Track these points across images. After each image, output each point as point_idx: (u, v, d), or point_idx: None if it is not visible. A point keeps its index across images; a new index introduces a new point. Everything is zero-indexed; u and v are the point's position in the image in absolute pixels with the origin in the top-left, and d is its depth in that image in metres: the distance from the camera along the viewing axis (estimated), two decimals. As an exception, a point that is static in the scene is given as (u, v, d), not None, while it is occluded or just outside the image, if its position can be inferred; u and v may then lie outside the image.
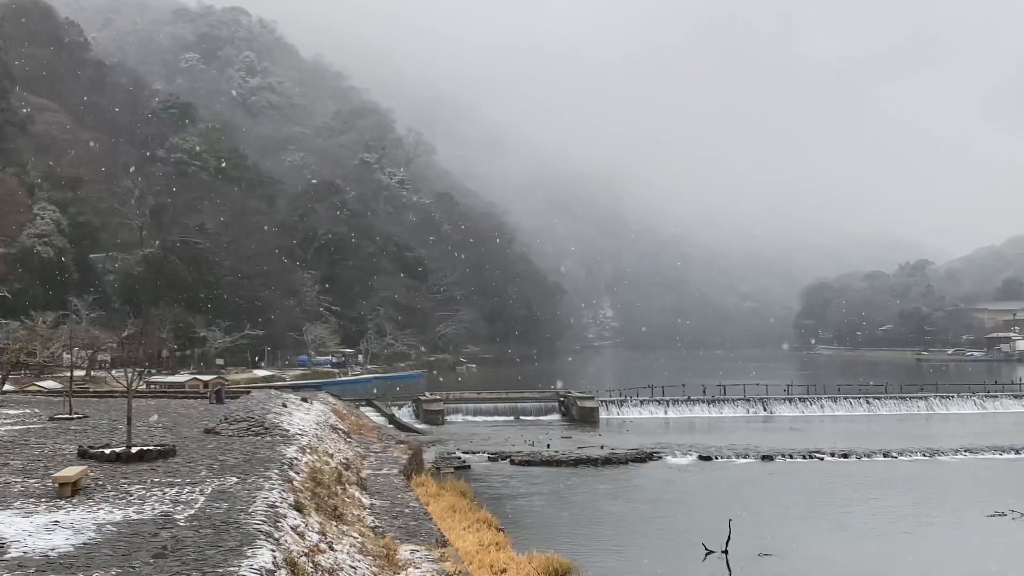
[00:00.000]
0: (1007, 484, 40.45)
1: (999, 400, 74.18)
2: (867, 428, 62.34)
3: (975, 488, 39.72)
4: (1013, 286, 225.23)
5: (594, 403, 65.78)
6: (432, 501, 27.12)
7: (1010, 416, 68.62)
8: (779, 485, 41.34)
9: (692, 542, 28.17)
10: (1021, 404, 73.40)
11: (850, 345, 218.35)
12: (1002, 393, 77.06)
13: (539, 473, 42.93)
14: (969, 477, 43.01)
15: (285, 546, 13.94)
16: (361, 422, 46.31)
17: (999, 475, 43.49)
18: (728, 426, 63.26)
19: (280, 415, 32.78)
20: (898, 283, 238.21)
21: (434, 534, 20.13)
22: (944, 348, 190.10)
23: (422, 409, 64.21)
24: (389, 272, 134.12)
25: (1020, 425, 62.68)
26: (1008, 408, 72.13)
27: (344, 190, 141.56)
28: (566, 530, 30.90)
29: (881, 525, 32.66)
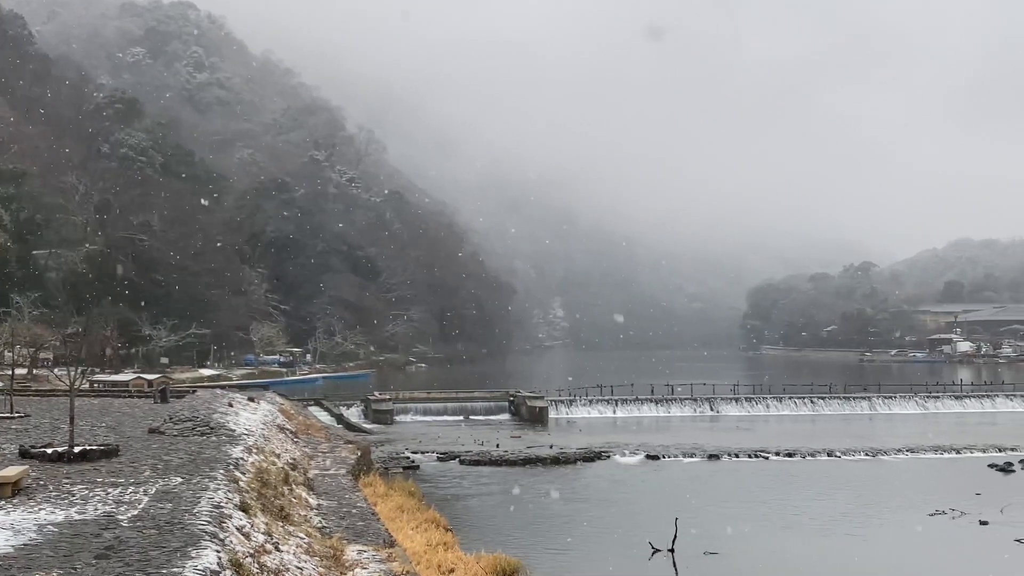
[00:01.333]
0: (948, 483, 41.27)
1: (940, 400, 75.57)
2: (812, 428, 63.20)
3: (917, 487, 40.45)
4: (954, 288, 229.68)
5: (544, 403, 65.97)
6: (380, 501, 27.03)
7: (951, 416, 69.99)
8: (725, 484, 41.78)
9: (639, 541, 28.38)
10: (962, 405, 74.87)
11: (795, 345, 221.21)
12: (943, 394, 78.53)
13: (488, 473, 42.98)
14: (911, 476, 43.79)
15: (230, 547, 13.84)
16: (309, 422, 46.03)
17: (940, 474, 44.35)
18: (676, 425, 63.81)
19: (226, 415, 32.48)
20: (842, 285, 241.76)
21: (382, 534, 20.08)
22: (887, 349, 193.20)
23: (371, 409, 63.93)
24: (338, 271, 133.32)
25: (960, 425, 63.97)
26: (949, 408, 73.53)
27: (293, 188, 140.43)
28: (514, 530, 30.98)
29: (825, 524, 33.15)
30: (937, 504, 34.69)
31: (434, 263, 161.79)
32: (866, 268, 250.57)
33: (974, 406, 74.46)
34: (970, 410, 73.12)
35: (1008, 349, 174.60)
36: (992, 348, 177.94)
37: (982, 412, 72.33)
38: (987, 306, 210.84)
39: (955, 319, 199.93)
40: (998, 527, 31.64)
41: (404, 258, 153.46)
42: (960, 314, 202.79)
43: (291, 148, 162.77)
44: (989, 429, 61.66)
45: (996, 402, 75.74)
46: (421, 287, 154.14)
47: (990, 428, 62.47)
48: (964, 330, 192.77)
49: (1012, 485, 40.43)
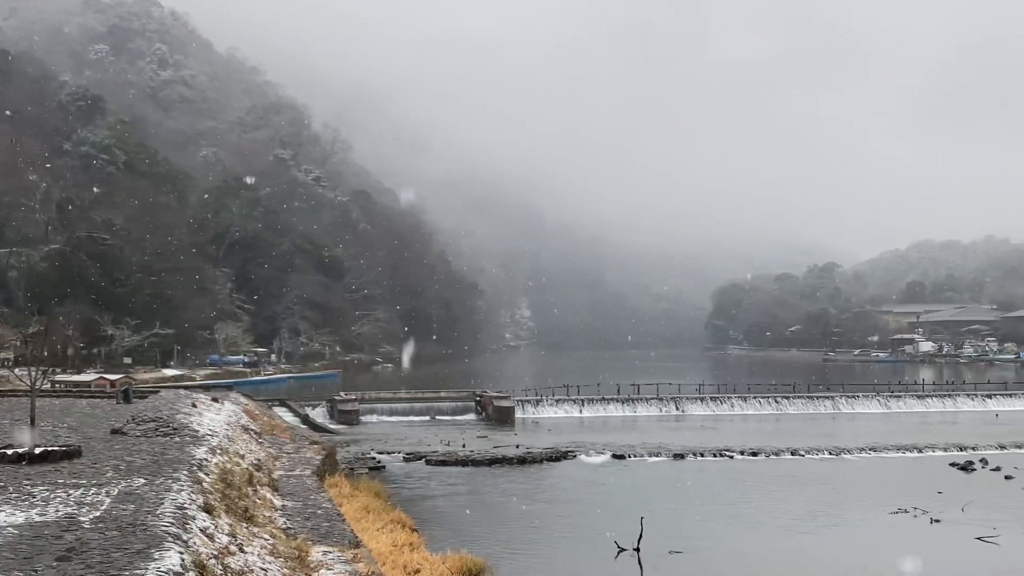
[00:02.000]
0: (910, 482, 41.69)
1: (903, 400, 76.34)
2: (776, 427, 63.63)
3: (879, 486, 40.86)
4: (916, 289, 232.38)
5: (510, 403, 65.95)
6: (346, 502, 26.93)
7: (913, 416, 70.72)
8: (690, 483, 41.99)
9: (605, 540, 28.45)
10: (924, 404, 75.69)
11: (760, 345, 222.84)
12: (906, 393, 79.36)
13: (454, 473, 42.93)
14: (874, 475, 44.22)
15: (194, 548, 13.72)
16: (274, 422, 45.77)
17: (902, 473, 44.80)
18: (641, 425, 64.06)
19: (190, 415, 32.20)
20: (806, 285, 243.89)
21: (347, 535, 20.00)
22: (850, 349, 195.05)
23: (337, 409, 63.64)
24: (304, 270, 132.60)
25: (923, 425, 64.67)
26: (911, 408, 74.30)
27: (258, 187, 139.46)
28: (480, 530, 30.96)
29: (789, 522, 33.42)
30: (899, 503, 35.06)
31: (401, 263, 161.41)
32: (830, 269, 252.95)
33: (936, 406, 75.29)
34: (932, 409, 73.93)
35: (969, 349, 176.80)
36: (953, 348, 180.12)
37: (944, 412, 73.17)
38: (948, 306, 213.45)
39: (917, 319, 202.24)
40: (959, 525, 32.04)
41: (370, 258, 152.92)
42: (922, 314, 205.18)
43: (256, 146, 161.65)
44: (951, 428, 62.39)
45: (957, 402, 76.60)
46: (387, 287, 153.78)
47: (951, 427, 63.20)
48: (926, 330, 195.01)
49: (973, 484, 40.94)
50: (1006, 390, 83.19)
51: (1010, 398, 78.29)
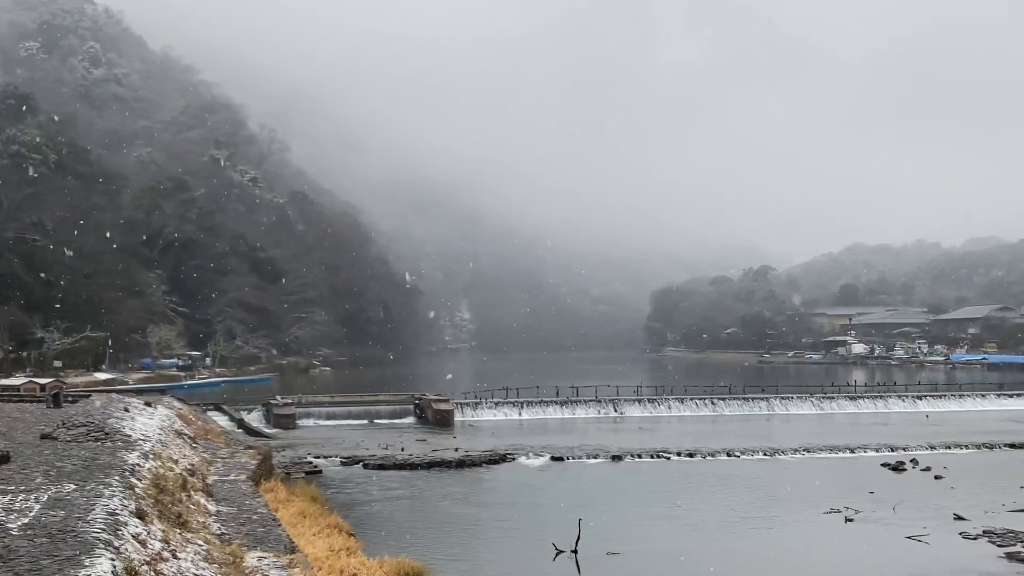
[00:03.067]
0: (843, 482, 42.38)
1: (835, 401, 77.60)
2: (712, 428, 64.35)
3: (813, 486, 41.45)
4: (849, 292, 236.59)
5: (449, 405, 65.79)
6: (281, 507, 26.66)
7: (845, 416, 71.99)
8: (628, 484, 42.28)
9: (543, 542, 28.53)
10: (856, 405, 77.02)
11: (697, 347, 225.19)
12: (838, 395, 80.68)
13: (393, 477, 42.73)
14: (807, 475, 44.86)
15: (125, 555, 13.48)
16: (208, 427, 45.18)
17: (835, 474, 45.52)
18: (580, 427, 64.31)
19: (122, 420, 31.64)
20: (742, 288, 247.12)
21: (283, 540, 19.80)
22: (785, 351, 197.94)
23: (273, 413, 62.92)
24: (240, 273, 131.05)
25: (855, 425, 65.86)
26: (844, 409, 75.55)
27: (193, 187, 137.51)
28: (418, 534, 30.85)
29: (724, 523, 33.79)
30: (832, 503, 35.65)
31: (339, 265, 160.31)
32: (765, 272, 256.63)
33: (868, 407, 76.64)
34: (864, 410, 75.24)
35: (900, 351, 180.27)
36: (885, 350, 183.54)
37: (875, 412, 74.51)
38: (880, 309, 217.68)
39: (850, 321, 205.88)
40: (890, 525, 32.67)
41: (308, 260, 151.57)
42: (854, 317, 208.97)
43: (191, 147, 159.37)
44: (882, 429, 63.55)
45: (889, 403, 78.03)
46: (325, 289, 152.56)
47: (883, 428, 64.39)
48: (858, 332, 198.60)
49: (904, 484, 41.76)
50: (936, 391, 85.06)
51: (940, 399, 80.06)
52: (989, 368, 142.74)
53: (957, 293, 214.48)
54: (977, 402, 79.82)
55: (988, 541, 29.59)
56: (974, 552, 28.59)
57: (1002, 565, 27.13)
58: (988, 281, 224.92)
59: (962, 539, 30.16)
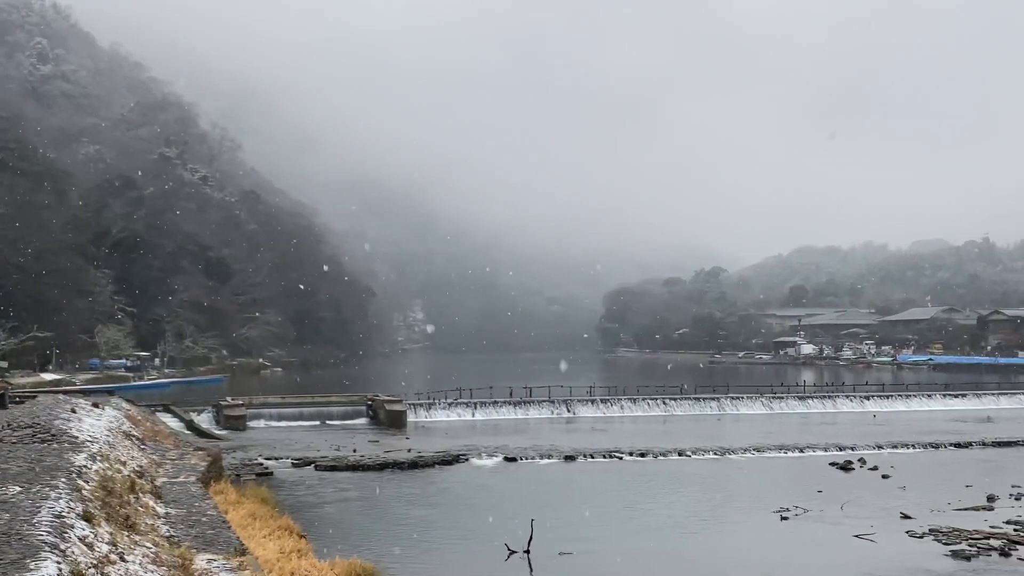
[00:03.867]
0: (792, 481, 42.89)
1: (785, 401, 78.46)
2: (664, 428, 64.75)
3: (763, 485, 41.91)
4: (798, 293, 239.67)
5: (402, 406, 65.56)
6: (231, 509, 26.41)
7: (795, 416, 72.80)
8: (581, 485, 42.42)
9: (495, 543, 28.53)
10: (805, 405, 77.93)
11: (649, 348, 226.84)
12: (787, 395, 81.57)
13: (344, 478, 42.48)
14: (757, 475, 45.34)
15: (72, 558, 13.29)
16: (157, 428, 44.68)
17: (785, 473, 46.06)
18: (533, 427, 64.43)
19: (69, 421, 31.17)
20: (694, 289, 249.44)
21: (233, 542, 19.63)
22: (735, 351, 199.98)
23: (223, 415, 62.27)
24: (190, 272, 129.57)
25: (804, 425, 66.64)
26: (793, 409, 76.42)
27: (142, 186, 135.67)
28: (370, 535, 30.73)
29: (676, 522, 34.03)
30: (781, 502, 36.03)
31: (291, 265, 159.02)
32: (716, 273, 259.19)
33: (816, 407, 77.57)
34: (813, 410, 76.15)
35: (848, 352, 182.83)
36: (833, 350, 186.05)
37: (824, 412, 75.45)
38: (829, 310, 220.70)
39: (799, 322, 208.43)
40: (838, 524, 33.09)
41: (259, 259, 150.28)
42: (804, 318, 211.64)
43: (140, 145, 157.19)
44: (830, 428, 64.37)
45: (837, 402, 79.06)
46: (277, 289, 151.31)
47: (831, 427, 65.22)
48: (807, 333, 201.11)
49: (852, 483, 42.31)
50: (883, 391, 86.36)
51: (887, 399, 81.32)
52: (935, 369, 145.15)
53: (904, 295, 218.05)
54: (923, 402, 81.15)
55: (934, 539, 30.07)
56: (920, 550, 29.04)
57: (947, 563, 27.59)
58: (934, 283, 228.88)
59: (908, 538, 30.62)
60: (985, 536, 30.09)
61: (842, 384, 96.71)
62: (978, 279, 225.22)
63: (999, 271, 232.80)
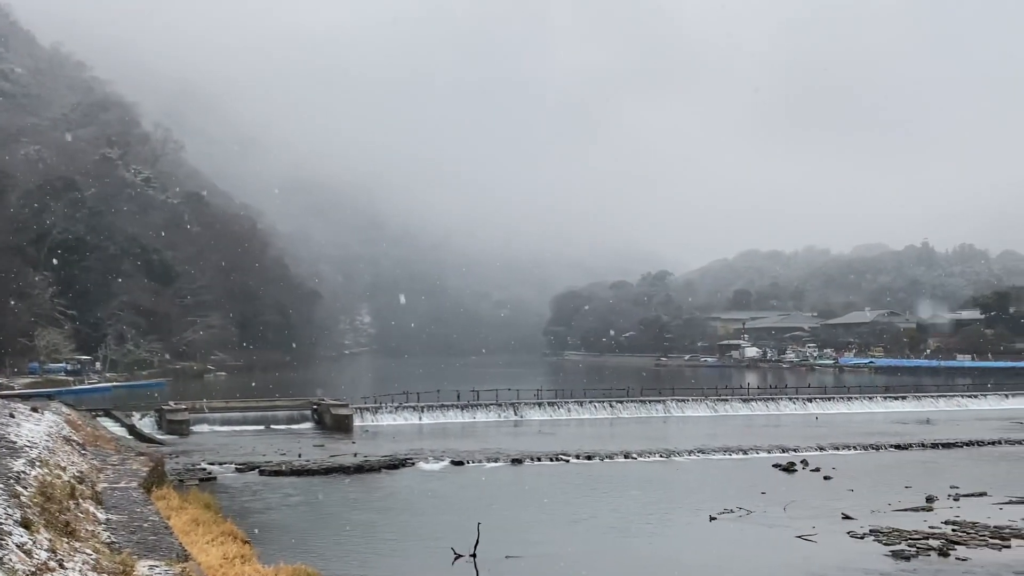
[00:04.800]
0: (736, 483, 43.31)
1: (729, 404, 79.27)
2: (610, 431, 65.09)
3: (708, 487, 42.31)
4: (743, 297, 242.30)
5: (348, 410, 65.19)
6: (174, 515, 26.06)
7: (739, 419, 73.62)
8: (527, 488, 42.50)
9: (442, 547, 28.49)
10: (749, 407, 78.83)
11: (596, 351, 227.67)
12: (732, 397, 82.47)
13: (289, 483, 42.13)
14: (702, 477, 45.78)
15: (9, 566, 13.04)
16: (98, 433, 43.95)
17: (729, 474, 46.52)
18: (480, 431, 64.37)
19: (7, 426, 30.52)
20: (640, 292, 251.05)
21: (175, 549, 19.36)
22: (681, 354, 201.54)
23: (165, 419, 61.47)
24: (131, 275, 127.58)
25: (748, 427, 67.40)
26: (737, 411, 77.26)
27: (83, 187, 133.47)
28: (316, 540, 30.51)
29: (622, 524, 34.22)
30: (726, 503, 36.41)
31: (235, 267, 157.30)
32: (662, 277, 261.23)
33: (760, 409, 78.51)
34: (757, 413, 77.06)
35: (791, 354, 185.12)
36: (777, 353, 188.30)
37: (767, 415, 76.39)
38: (772, 313, 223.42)
39: (743, 326, 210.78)
40: (781, 525, 33.50)
41: (203, 262, 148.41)
42: (748, 321, 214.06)
43: (82, 145, 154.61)
44: (774, 430, 65.13)
45: (780, 405, 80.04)
46: (221, 292, 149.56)
47: (774, 429, 66.00)
48: (751, 336, 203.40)
49: (794, 484, 42.87)
50: (825, 394, 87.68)
51: (829, 401, 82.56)
52: (876, 371, 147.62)
53: (846, 298, 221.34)
54: (864, 404, 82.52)
55: (874, 540, 30.57)
56: (861, 551, 29.50)
57: (887, 563, 28.06)
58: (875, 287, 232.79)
59: (850, 538, 31.08)
60: (924, 536, 30.66)
61: (785, 386, 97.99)
62: (918, 283, 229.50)
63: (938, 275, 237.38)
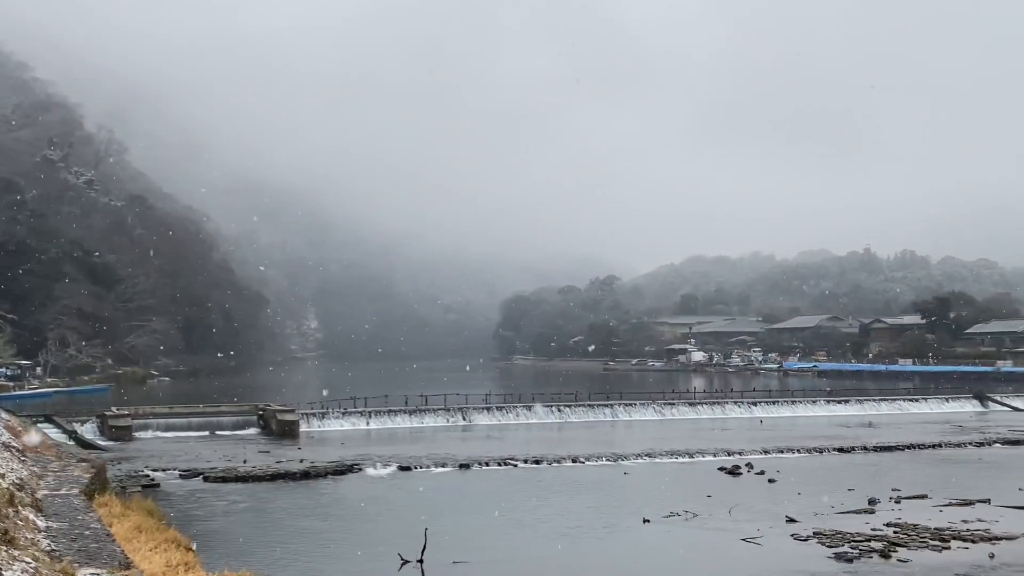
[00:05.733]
0: (682, 486, 43.63)
1: (676, 407, 79.75)
2: (558, 435, 65.20)
3: (654, 491, 42.52)
4: (689, 301, 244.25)
5: (294, 416, 64.64)
6: (116, 522, 25.64)
7: (685, 422, 74.12)
8: (475, 493, 42.46)
9: (389, 553, 28.36)
10: (695, 411, 79.41)
11: (545, 355, 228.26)
12: (679, 401, 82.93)
13: (234, 489, 41.68)
14: (649, 480, 46.03)
15: (-58, 578, 12.74)
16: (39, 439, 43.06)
17: (675, 478, 46.82)
18: (429, 436, 64.18)
19: (-58, 433, 29.86)
20: (589, 297, 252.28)
21: (117, 556, 19.05)
22: (629, 359, 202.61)
23: (108, 425, 60.49)
24: (74, 279, 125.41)
25: (694, 431, 67.84)
26: (683, 415, 77.78)
27: (24, 189, 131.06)
28: (261, 547, 30.21)
29: (569, 529, 34.28)
30: (672, 507, 36.65)
31: (180, 271, 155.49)
32: (610, 281, 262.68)
33: (706, 413, 79.11)
34: (703, 416, 77.65)
35: (737, 359, 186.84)
36: (723, 358, 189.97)
37: (713, 418, 77.04)
38: (718, 318, 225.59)
39: (690, 330, 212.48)
40: (726, 528, 33.81)
41: (147, 265, 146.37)
42: (694, 325, 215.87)
43: (22, 147, 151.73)
44: (720, 434, 65.68)
45: (726, 409, 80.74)
46: (165, 296, 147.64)
47: (720, 433, 66.56)
48: (698, 341, 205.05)
49: (739, 487, 43.25)
50: (770, 398, 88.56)
51: (773, 405, 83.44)
52: (819, 375, 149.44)
53: (790, 303, 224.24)
54: (808, 408, 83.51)
55: (818, 542, 30.94)
56: (805, 553, 29.85)
57: (831, 565, 28.42)
58: (819, 292, 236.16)
59: (794, 541, 31.43)
60: (867, 538, 31.11)
61: (731, 390, 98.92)
62: (860, 288, 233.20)
63: (880, 281, 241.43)
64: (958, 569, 27.67)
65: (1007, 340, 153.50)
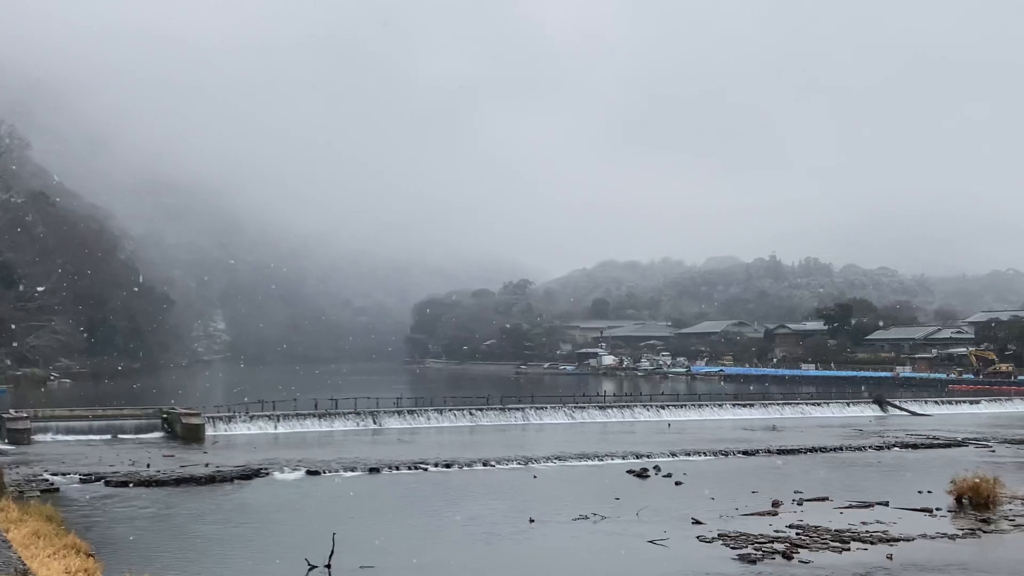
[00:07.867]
0: (591, 489, 43.97)
1: (586, 411, 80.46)
2: (470, 439, 65.21)
3: (564, 493, 42.80)
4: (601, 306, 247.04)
5: (200, 419, 63.36)
6: (13, 527, 24.90)
7: (595, 425, 74.78)
8: (385, 497, 42.21)
9: (296, 558, 28.02)
10: (605, 415, 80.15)
11: (458, 359, 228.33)
12: (589, 404, 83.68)
13: (136, 494, 40.73)
14: (559, 483, 46.33)
15: None
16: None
17: (585, 480, 47.21)
18: (339, 440, 63.59)
19: None
20: (502, 301, 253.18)
21: (13, 563, 18.52)
22: (541, 362, 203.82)
23: (5, 428, 58.57)
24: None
25: (604, 434, 68.48)
26: (594, 418, 78.47)
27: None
28: (164, 553, 29.58)
29: (479, 532, 34.30)
30: (581, 509, 36.94)
31: (83, 270, 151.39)
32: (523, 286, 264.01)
33: (616, 416, 79.87)
34: (612, 420, 78.39)
35: (646, 363, 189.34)
36: (633, 361, 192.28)
37: (623, 422, 77.81)
38: (629, 323, 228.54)
39: (601, 334, 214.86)
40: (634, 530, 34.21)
41: (48, 264, 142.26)
42: (605, 329, 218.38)
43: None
44: (628, 437, 66.39)
45: (635, 412, 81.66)
46: (67, 296, 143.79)
47: (629, 436, 67.27)
48: (609, 345, 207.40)
49: (647, 489, 43.78)
50: (677, 401, 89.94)
51: (681, 409, 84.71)
52: (726, 379, 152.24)
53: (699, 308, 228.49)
54: (714, 412, 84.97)
55: (723, 544, 31.50)
56: (710, 554, 30.37)
57: (735, 566, 28.96)
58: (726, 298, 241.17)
59: (699, 542, 31.95)
60: (770, 540, 31.79)
61: (640, 394, 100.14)
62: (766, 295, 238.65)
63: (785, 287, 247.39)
64: (857, 570, 28.43)
65: (906, 346, 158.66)
